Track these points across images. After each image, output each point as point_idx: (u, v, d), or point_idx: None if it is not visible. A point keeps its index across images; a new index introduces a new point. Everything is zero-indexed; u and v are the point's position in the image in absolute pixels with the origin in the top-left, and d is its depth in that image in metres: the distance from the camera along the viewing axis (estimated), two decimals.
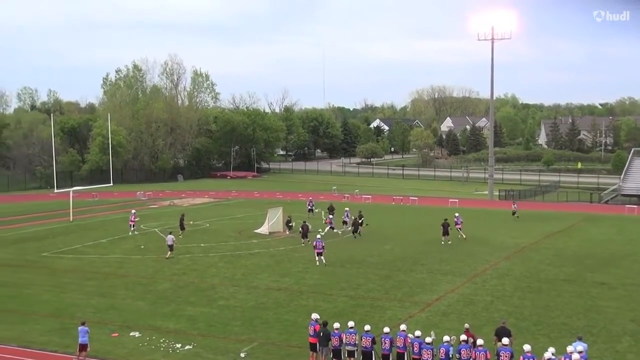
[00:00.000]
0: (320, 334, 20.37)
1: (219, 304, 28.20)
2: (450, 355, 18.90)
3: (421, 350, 19.18)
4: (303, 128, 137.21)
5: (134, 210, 48.27)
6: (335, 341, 20.08)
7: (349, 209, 49.55)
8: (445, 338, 19.34)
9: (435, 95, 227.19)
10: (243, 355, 21.76)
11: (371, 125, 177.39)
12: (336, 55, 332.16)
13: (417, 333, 19.84)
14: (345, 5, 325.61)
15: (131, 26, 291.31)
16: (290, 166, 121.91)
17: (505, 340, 19.02)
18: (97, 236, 45.47)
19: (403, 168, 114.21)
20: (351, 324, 20.48)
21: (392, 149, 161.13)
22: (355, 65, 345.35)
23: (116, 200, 68.38)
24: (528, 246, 41.83)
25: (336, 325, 20.37)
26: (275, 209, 48.19)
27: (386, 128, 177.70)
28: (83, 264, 36.45)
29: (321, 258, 35.67)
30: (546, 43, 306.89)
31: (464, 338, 19.31)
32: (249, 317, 26.06)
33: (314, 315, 21.20)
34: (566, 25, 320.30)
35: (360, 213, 46.63)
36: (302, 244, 40.97)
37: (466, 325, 20.85)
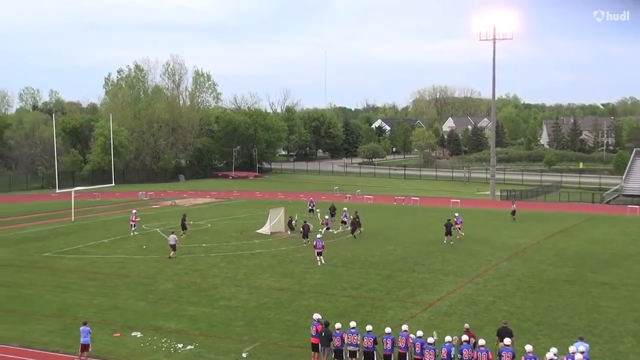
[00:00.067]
0: (322, 334, 20.38)
1: (220, 304, 28.21)
2: (452, 356, 18.88)
3: (423, 350, 19.19)
4: (305, 128, 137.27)
5: (134, 211, 48.32)
6: (337, 341, 20.07)
7: (347, 209, 49.51)
8: (447, 338, 19.32)
9: (437, 96, 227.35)
10: (245, 355, 21.76)
11: (373, 126, 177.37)
12: (338, 55, 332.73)
13: (419, 333, 19.84)
14: (347, 5, 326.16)
15: (133, 26, 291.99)
16: (291, 166, 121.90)
17: (507, 341, 19.03)
18: (99, 236, 45.51)
19: (405, 168, 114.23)
20: (353, 324, 20.49)
21: (394, 149, 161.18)
22: (357, 65, 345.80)
23: (118, 200, 68.41)
24: (530, 246, 41.80)
25: (338, 325, 20.36)
26: (277, 209, 48.21)
27: (388, 128, 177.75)
28: (85, 264, 36.48)
29: (320, 258, 35.75)
30: (548, 43, 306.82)
31: (466, 338, 19.31)
32: (250, 317, 26.07)
33: (316, 316, 21.23)
34: (568, 25, 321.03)
35: (356, 214, 46.44)
36: (304, 244, 40.99)
37: (466, 325, 20.86)
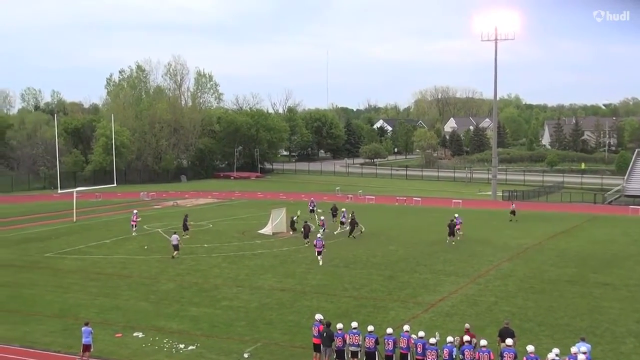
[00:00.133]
0: (324, 334, 20.37)
1: (222, 304, 28.22)
2: (453, 356, 18.86)
3: (425, 351, 19.17)
4: (306, 129, 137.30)
5: (135, 211, 48.37)
6: (338, 342, 20.06)
7: (345, 209, 49.70)
8: (449, 339, 19.31)
9: (439, 96, 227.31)
10: (246, 355, 21.76)
11: (374, 126, 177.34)
12: (339, 55, 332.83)
13: (421, 334, 19.83)
14: (348, 5, 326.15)
15: (134, 27, 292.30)
16: (293, 167, 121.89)
17: (508, 341, 19.01)
18: (101, 237, 45.54)
19: (406, 169, 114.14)
20: (355, 324, 20.48)
21: (396, 150, 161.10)
22: (359, 65, 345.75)
23: (119, 200, 68.44)
24: (531, 247, 41.78)
25: (339, 325, 20.35)
26: (279, 209, 48.24)
27: (389, 129, 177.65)
28: (86, 265, 36.50)
29: (320, 257, 35.81)
30: (549, 43, 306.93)
31: (468, 339, 19.30)
32: (252, 318, 26.08)
33: (318, 316, 21.23)
34: (569, 25, 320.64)
35: (352, 214, 46.49)
36: (305, 244, 40.99)
37: (467, 325, 20.88)
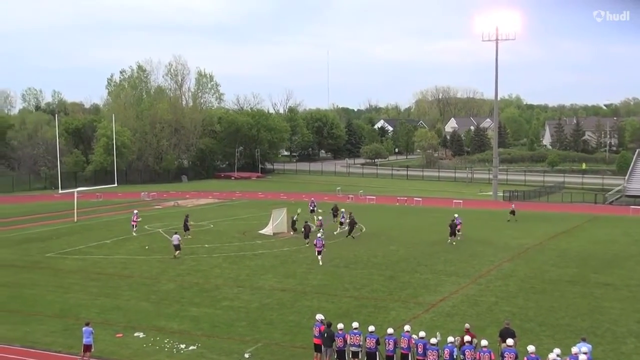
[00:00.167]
0: (325, 334, 20.35)
1: (223, 304, 28.22)
2: (454, 356, 18.86)
3: (426, 351, 19.16)
4: (307, 129, 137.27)
5: (136, 211, 48.38)
6: (339, 342, 20.05)
7: (344, 210, 49.85)
8: (450, 339, 19.31)
9: (440, 96, 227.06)
10: (247, 356, 21.76)
11: (375, 126, 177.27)
12: (340, 55, 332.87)
13: (422, 334, 19.82)
14: (349, 5, 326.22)
15: (135, 27, 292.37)
16: (294, 167, 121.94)
17: (509, 341, 18.99)
18: (102, 237, 45.55)
19: (407, 169, 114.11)
20: (355, 324, 20.47)
21: (396, 150, 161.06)
22: (360, 65, 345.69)
23: (120, 201, 68.46)
24: (532, 247, 41.76)
25: (340, 326, 20.35)
26: (280, 209, 48.25)
27: (390, 129, 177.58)
28: (87, 265, 36.51)
29: (320, 257, 35.86)
30: (550, 44, 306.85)
31: (468, 339, 19.28)
32: (253, 318, 26.08)
33: (319, 316, 21.21)
34: (570, 25, 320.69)
35: (351, 215, 46.58)
36: (306, 244, 40.99)
37: (467, 325, 20.88)
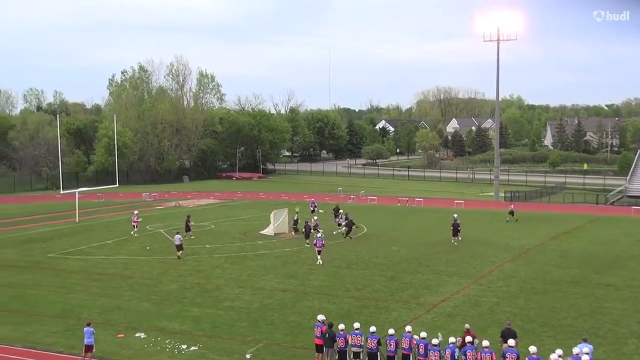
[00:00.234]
0: (326, 335, 20.34)
1: (224, 305, 28.22)
2: (456, 357, 18.84)
3: (427, 351, 19.15)
4: (308, 129, 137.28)
5: (136, 211, 48.38)
6: (340, 342, 20.05)
7: (342, 210, 50.01)
8: (451, 339, 19.30)
9: (441, 97, 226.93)
10: (248, 356, 21.76)
11: (377, 127, 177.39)
12: (341, 56, 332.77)
13: (423, 334, 19.80)
14: (350, 6, 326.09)
15: (136, 27, 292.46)
16: (295, 167, 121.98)
17: (511, 342, 18.96)
18: (103, 237, 45.58)
19: (408, 169, 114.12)
20: (357, 325, 20.45)
21: (398, 150, 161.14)
22: (361, 66, 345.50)
23: (122, 201, 68.50)
24: (533, 247, 41.73)
25: (341, 326, 20.35)
26: (281, 210, 48.26)
27: (392, 129, 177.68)
28: (89, 265, 36.53)
29: (319, 257, 35.93)
30: (551, 44, 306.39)
31: (470, 339, 19.27)
32: (254, 318, 26.08)
33: (320, 317, 21.19)
34: (572, 26, 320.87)
35: (347, 215, 46.68)
36: (307, 245, 40.98)
37: (467, 325, 20.89)
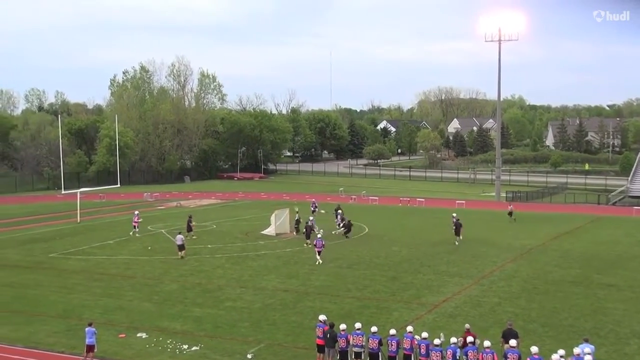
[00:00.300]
0: (327, 335, 20.34)
1: (225, 305, 28.22)
2: (457, 357, 18.84)
3: (429, 352, 19.14)
4: (310, 129, 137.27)
5: (137, 212, 48.39)
6: (342, 342, 20.05)
7: (341, 210, 50.18)
8: (453, 340, 19.30)
9: (442, 97, 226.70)
10: (250, 356, 21.76)
11: (378, 127, 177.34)
12: (343, 56, 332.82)
13: (424, 335, 19.80)
14: (352, 6, 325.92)
15: (136, 27, 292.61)
16: (297, 167, 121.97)
17: (512, 342, 18.94)
18: (104, 237, 45.59)
19: (410, 169, 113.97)
20: (358, 325, 20.46)
21: (399, 151, 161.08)
22: (362, 66, 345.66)
23: (123, 201, 68.54)
24: (535, 248, 41.70)
25: (343, 326, 20.35)
26: (282, 210, 48.27)
27: (393, 129, 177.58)
28: (90, 265, 36.54)
29: (319, 257, 35.99)
30: (552, 44, 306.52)
31: (471, 339, 19.26)
32: (255, 319, 26.07)
33: (322, 317, 21.17)
34: (574, 26, 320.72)
35: (342, 216, 46.70)
36: (308, 245, 40.97)
37: (467, 325, 20.89)
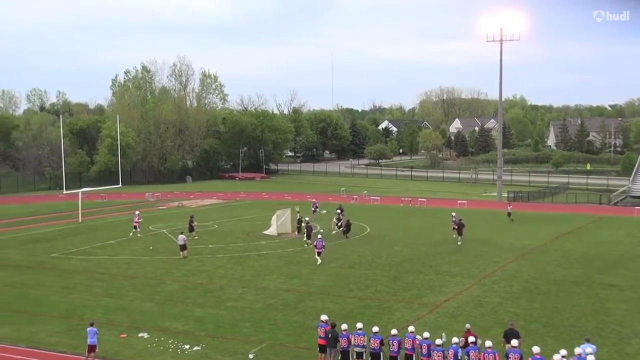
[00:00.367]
0: (329, 335, 20.35)
1: (227, 305, 28.23)
2: (459, 357, 18.83)
3: (430, 352, 19.13)
4: (311, 129, 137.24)
5: (137, 212, 48.39)
6: (343, 342, 20.05)
7: (340, 210, 50.17)
8: (454, 340, 19.29)
9: (444, 97, 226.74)
10: (251, 356, 21.76)
11: (379, 127, 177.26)
12: (344, 56, 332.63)
13: (426, 335, 19.80)
14: (353, 6, 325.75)
15: (137, 27, 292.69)
16: (298, 167, 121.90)
17: (514, 342, 18.95)
18: (106, 237, 45.62)
19: (411, 169, 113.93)
20: (360, 325, 20.46)
21: (401, 151, 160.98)
22: (364, 66, 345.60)
23: (125, 201, 68.57)
24: (536, 248, 41.68)
25: (344, 326, 20.35)
26: (284, 210, 48.28)
27: (395, 129, 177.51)
28: (92, 265, 36.57)
29: (318, 257, 36.05)
30: (554, 44, 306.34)
31: (473, 339, 19.25)
32: (257, 318, 26.08)
33: (323, 317, 21.16)
34: (575, 26, 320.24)
35: (340, 215, 46.66)
36: (308, 245, 40.96)
37: (467, 325, 20.89)
